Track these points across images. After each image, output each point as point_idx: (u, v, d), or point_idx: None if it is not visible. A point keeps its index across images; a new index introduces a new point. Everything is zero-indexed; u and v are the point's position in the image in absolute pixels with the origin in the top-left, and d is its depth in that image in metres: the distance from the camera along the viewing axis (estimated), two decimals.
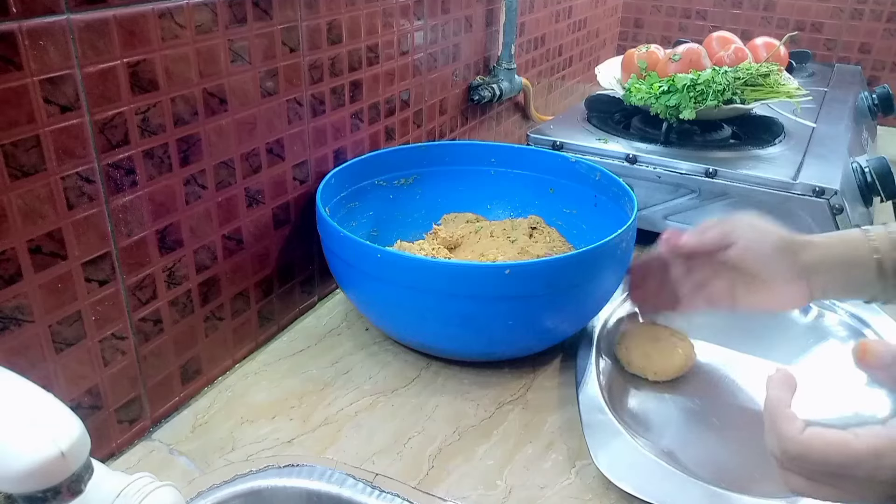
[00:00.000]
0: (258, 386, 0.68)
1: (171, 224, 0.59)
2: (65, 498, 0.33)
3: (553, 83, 1.40)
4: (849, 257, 0.59)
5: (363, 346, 0.74)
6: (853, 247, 0.59)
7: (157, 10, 0.53)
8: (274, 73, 0.66)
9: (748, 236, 0.61)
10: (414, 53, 0.88)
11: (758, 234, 0.61)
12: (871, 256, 0.58)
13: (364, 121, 0.82)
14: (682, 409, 0.66)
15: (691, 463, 0.59)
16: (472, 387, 0.69)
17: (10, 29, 0.44)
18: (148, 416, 0.62)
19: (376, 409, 0.65)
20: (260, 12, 0.62)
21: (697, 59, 1.05)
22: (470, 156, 0.89)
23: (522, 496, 0.56)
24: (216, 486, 0.56)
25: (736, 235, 0.62)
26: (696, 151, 0.95)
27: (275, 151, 0.69)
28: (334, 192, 0.76)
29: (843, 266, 0.60)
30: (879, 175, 0.90)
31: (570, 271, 0.63)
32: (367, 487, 0.57)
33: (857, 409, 0.66)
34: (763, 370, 0.71)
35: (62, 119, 0.48)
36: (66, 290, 0.51)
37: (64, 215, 0.50)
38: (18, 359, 0.49)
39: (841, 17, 1.54)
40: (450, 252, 0.80)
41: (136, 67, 0.52)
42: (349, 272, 0.68)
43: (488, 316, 0.63)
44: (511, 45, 1.07)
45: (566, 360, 0.73)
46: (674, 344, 0.69)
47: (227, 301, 0.68)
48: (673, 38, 1.69)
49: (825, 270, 0.60)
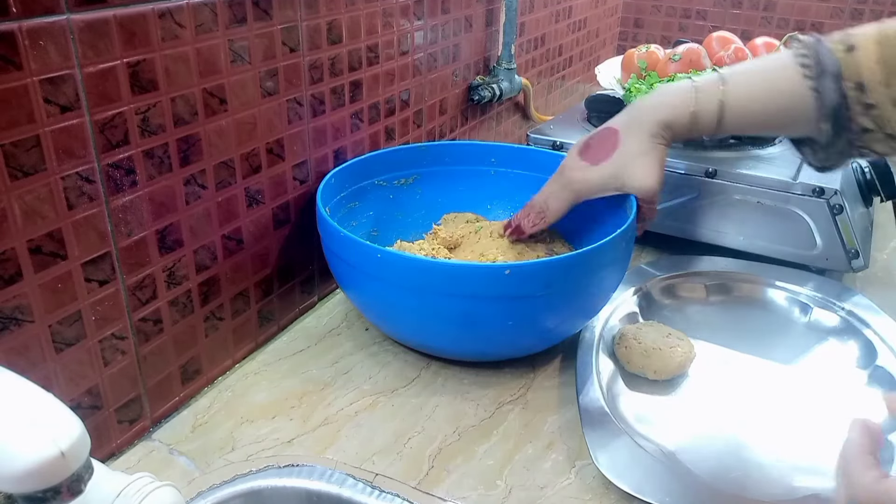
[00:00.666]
0: (258, 386, 0.68)
1: (171, 224, 0.59)
2: (65, 498, 0.33)
3: (553, 83, 1.40)
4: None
5: (363, 346, 0.74)
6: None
7: (157, 10, 0.53)
8: (274, 73, 0.66)
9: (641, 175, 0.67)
10: (414, 53, 0.88)
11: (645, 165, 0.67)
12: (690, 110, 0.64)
13: (364, 121, 0.82)
14: (682, 409, 0.66)
15: (691, 463, 0.59)
16: (472, 387, 0.69)
17: (10, 29, 0.44)
18: (148, 416, 0.62)
19: (376, 409, 0.65)
20: (260, 12, 0.62)
21: (697, 59, 1.05)
22: (470, 156, 0.89)
23: (522, 496, 0.56)
24: (216, 486, 0.56)
25: (625, 180, 0.68)
26: (696, 151, 0.95)
27: (275, 151, 0.69)
28: (334, 192, 0.77)
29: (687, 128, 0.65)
30: (879, 175, 0.89)
31: (569, 272, 0.63)
32: (367, 487, 0.57)
33: (856, 410, 0.66)
34: (763, 370, 0.71)
35: (62, 119, 0.48)
36: (66, 290, 0.51)
37: (64, 215, 0.50)
38: (18, 359, 0.49)
39: (841, 17, 1.54)
40: (450, 252, 0.80)
41: (136, 67, 0.52)
42: (349, 272, 0.68)
43: (487, 316, 0.63)
44: (511, 45, 1.07)
45: (566, 360, 0.73)
46: (674, 343, 0.69)
47: (227, 301, 0.68)
48: (673, 38, 1.69)
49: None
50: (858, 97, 0.54)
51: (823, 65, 0.56)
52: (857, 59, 0.55)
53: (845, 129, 0.55)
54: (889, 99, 0.53)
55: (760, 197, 0.87)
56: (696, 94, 0.63)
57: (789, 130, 0.64)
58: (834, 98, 0.55)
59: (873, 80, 0.53)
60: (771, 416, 0.65)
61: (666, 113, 0.65)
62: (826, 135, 0.57)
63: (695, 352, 0.70)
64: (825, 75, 0.55)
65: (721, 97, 0.62)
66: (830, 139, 0.57)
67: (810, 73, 0.56)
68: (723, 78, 0.63)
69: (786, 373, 0.71)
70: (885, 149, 0.56)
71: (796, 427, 0.63)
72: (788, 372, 0.71)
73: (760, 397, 0.67)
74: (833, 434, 0.63)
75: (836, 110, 0.55)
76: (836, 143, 0.57)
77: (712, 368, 0.71)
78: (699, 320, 0.79)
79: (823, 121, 0.56)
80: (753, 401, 0.67)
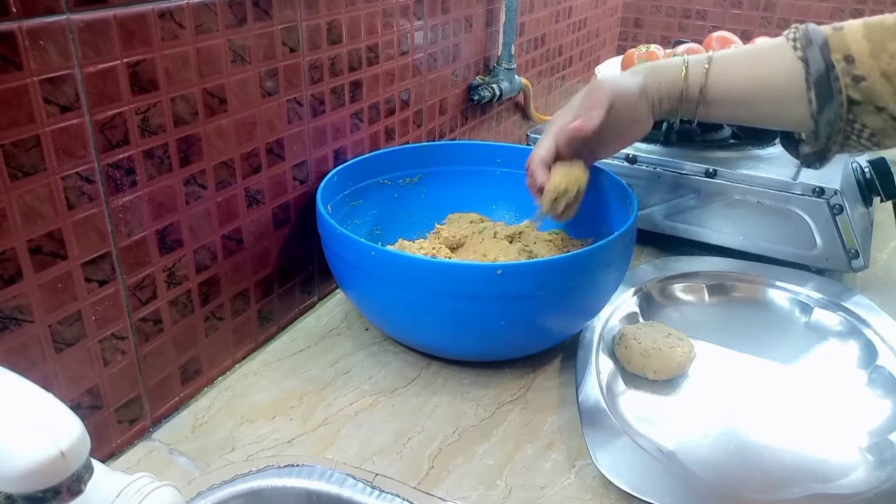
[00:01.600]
0: (258, 386, 0.68)
1: (171, 224, 0.59)
2: (65, 498, 0.33)
3: (553, 83, 1.40)
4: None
5: (363, 346, 0.74)
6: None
7: (157, 10, 0.53)
8: (274, 73, 0.66)
9: (620, 116, 0.68)
10: (414, 53, 0.88)
11: (627, 113, 0.68)
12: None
13: (364, 121, 0.82)
14: (682, 408, 0.66)
15: (691, 463, 0.59)
16: (472, 387, 0.69)
17: (10, 29, 0.44)
18: (148, 416, 0.62)
19: (376, 409, 0.65)
20: (260, 12, 0.62)
21: None
22: (475, 156, 0.89)
23: (522, 496, 0.56)
24: (216, 486, 0.56)
25: (611, 116, 0.68)
26: (696, 151, 0.95)
27: (275, 151, 0.69)
28: (337, 190, 0.77)
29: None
30: (879, 174, 0.89)
31: (565, 272, 0.62)
32: (367, 487, 0.57)
33: (856, 409, 0.66)
34: (763, 370, 0.71)
35: (62, 119, 0.48)
36: (66, 290, 0.51)
37: (64, 215, 0.50)
38: (18, 359, 0.49)
39: (841, 17, 1.54)
40: (452, 252, 0.80)
41: (136, 67, 0.52)
42: (346, 270, 0.68)
43: (482, 316, 0.63)
44: (511, 45, 1.07)
45: (566, 360, 0.73)
46: (674, 344, 0.69)
47: (227, 301, 0.68)
48: (673, 38, 1.69)
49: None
50: (847, 69, 0.57)
51: (810, 38, 0.59)
52: (844, 35, 0.58)
53: (831, 99, 0.58)
54: (878, 70, 0.55)
55: (760, 197, 0.87)
56: (686, 63, 0.66)
57: (777, 106, 0.64)
58: (821, 65, 0.58)
59: (862, 54, 0.56)
60: (771, 416, 0.65)
61: (657, 77, 0.68)
62: (814, 106, 0.59)
63: (695, 352, 0.70)
64: (812, 45, 0.59)
65: (707, 63, 0.65)
66: (818, 110, 0.59)
67: (798, 44, 0.60)
68: (712, 53, 0.66)
69: (786, 373, 0.71)
70: (877, 122, 0.57)
71: (796, 427, 0.63)
72: (788, 372, 0.71)
73: (760, 397, 0.67)
74: (833, 434, 0.63)
75: (823, 77, 0.58)
76: (823, 114, 0.59)
77: (712, 368, 0.71)
78: (699, 320, 0.79)
79: (810, 89, 0.58)
80: (753, 401, 0.67)
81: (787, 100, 0.61)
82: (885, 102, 0.56)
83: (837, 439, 0.62)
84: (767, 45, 0.64)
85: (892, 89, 0.55)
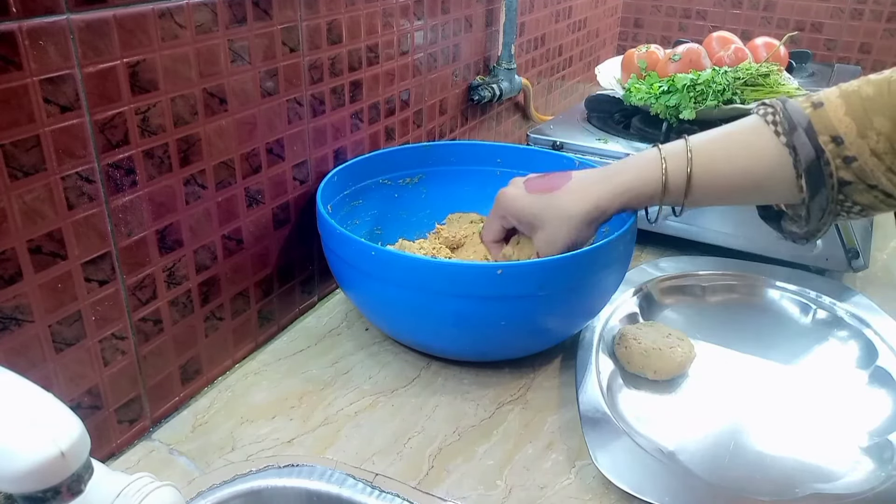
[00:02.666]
0: (258, 386, 0.68)
1: (171, 224, 0.59)
2: (65, 498, 0.33)
3: (553, 83, 1.40)
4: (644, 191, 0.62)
5: (363, 346, 0.74)
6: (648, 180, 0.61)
7: (157, 10, 0.53)
8: (274, 73, 0.66)
9: (552, 229, 0.63)
10: (414, 53, 0.88)
11: (560, 225, 0.63)
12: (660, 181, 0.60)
13: (364, 121, 0.82)
14: (682, 409, 0.66)
15: (691, 463, 0.59)
16: (472, 387, 0.69)
17: (10, 29, 0.44)
18: (148, 416, 0.62)
19: (376, 409, 0.65)
20: (260, 12, 0.62)
21: (697, 59, 1.05)
22: (475, 156, 0.88)
23: (522, 496, 0.56)
24: (216, 486, 0.56)
25: (540, 223, 0.64)
26: None
27: (275, 151, 0.69)
28: (337, 190, 0.77)
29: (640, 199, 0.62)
30: None
31: (565, 272, 0.62)
32: (367, 487, 0.57)
33: (856, 409, 0.66)
34: (763, 370, 0.71)
35: (62, 119, 0.48)
36: (66, 290, 0.51)
37: (64, 215, 0.50)
38: (18, 359, 0.49)
39: (841, 17, 1.54)
40: (452, 252, 0.80)
41: (136, 67, 0.52)
42: (346, 270, 0.68)
43: (481, 316, 0.63)
44: (511, 45, 1.07)
45: (566, 360, 0.73)
46: (673, 344, 0.69)
47: (227, 301, 0.68)
48: (673, 38, 1.69)
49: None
50: (837, 151, 0.54)
51: (793, 121, 0.55)
52: (826, 114, 0.55)
53: (823, 185, 0.55)
54: (867, 149, 0.53)
55: None
56: (664, 172, 0.60)
57: (764, 195, 0.61)
58: (811, 152, 0.54)
59: (850, 134, 0.53)
60: (771, 416, 0.65)
61: (626, 200, 0.62)
62: (805, 193, 0.56)
63: (695, 352, 0.70)
64: (796, 130, 0.55)
65: (689, 166, 0.59)
66: (809, 197, 0.56)
67: (781, 129, 0.56)
68: (690, 144, 0.60)
69: (786, 373, 0.71)
70: (868, 199, 0.55)
71: (796, 427, 0.63)
72: (788, 372, 0.71)
73: (760, 397, 0.67)
74: (833, 434, 0.63)
75: (814, 163, 0.54)
76: (815, 200, 0.56)
77: (712, 368, 0.71)
78: (699, 320, 0.79)
79: (800, 176, 0.55)
80: (753, 401, 0.67)
81: (774, 188, 0.58)
82: (876, 180, 0.53)
83: (837, 439, 0.62)
84: (747, 129, 0.59)
85: (884, 166, 0.53)
